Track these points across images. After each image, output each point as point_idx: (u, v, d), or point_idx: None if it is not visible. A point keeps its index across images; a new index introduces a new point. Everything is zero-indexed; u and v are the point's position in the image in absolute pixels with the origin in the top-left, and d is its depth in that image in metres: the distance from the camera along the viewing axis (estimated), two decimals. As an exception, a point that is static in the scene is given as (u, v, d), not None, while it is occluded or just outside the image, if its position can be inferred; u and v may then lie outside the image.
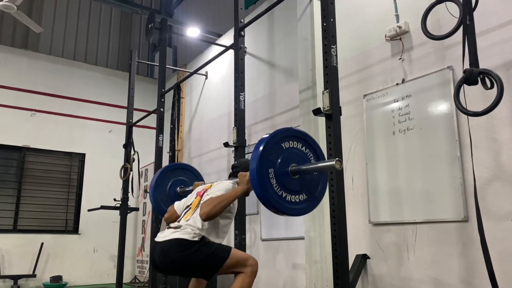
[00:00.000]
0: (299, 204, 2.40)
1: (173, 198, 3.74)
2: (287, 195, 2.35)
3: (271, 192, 2.28)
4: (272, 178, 2.30)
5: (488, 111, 2.40)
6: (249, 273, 2.55)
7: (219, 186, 2.75)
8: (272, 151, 2.33)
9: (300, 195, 2.41)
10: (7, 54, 7.67)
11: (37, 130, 7.64)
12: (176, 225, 2.62)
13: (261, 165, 2.26)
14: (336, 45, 2.71)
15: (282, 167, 2.35)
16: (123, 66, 9.23)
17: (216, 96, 6.73)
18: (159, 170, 3.98)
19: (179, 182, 3.90)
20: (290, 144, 2.43)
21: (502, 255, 2.86)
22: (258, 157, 2.27)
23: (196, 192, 2.90)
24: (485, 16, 3.08)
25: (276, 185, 2.31)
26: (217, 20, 8.17)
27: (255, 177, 2.25)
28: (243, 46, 3.93)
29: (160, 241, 2.58)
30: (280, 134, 2.42)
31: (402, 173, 3.60)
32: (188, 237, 2.49)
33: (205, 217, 2.50)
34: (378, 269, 3.69)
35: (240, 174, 2.70)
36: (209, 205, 2.52)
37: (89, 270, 7.66)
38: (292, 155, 2.42)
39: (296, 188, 2.39)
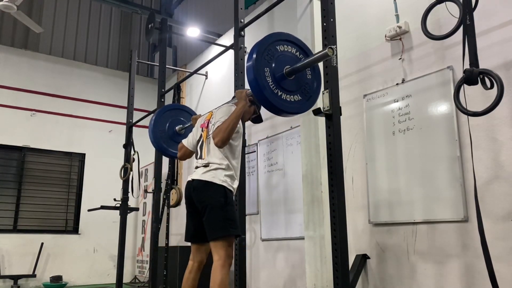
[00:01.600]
0: (296, 103, 2.56)
1: (172, 137, 3.99)
2: (283, 94, 2.51)
3: (268, 90, 2.43)
4: (269, 77, 2.45)
5: (488, 111, 2.40)
6: (228, 264, 2.64)
7: (220, 112, 2.89)
8: (266, 54, 2.48)
9: (296, 95, 2.57)
10: (7, 54, 7.68)
11: (37, 130, 7.64)
12: (203, 163, 2.81)
13: (257, 66, 2.40)
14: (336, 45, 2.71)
15: (277, 69, 2.51)
16: (123, 66, 9.23)
17: (216, 96, 6.72)
18: (158, 110, 4.16)
19: (177, 121, 4.06)
20: (283, 48, 2.59)
21: (502, 255, 2.86)
22: (254, 58, 2.41)
23: (199, 124, 3.04)
24: (485, 16, 3.08)
25: (273, 85, 2.46)
26: (217, 20, 8.16)
27: (252, 75, 2.38)
28: (243, 46, 3.92)
29: (194, 179, 2.79)
30: (271, 38, 2.56)
31: (402, 173, 3.60)
32: (217, 180, 2.70)
33: (220, 144, 2.71)
34: (378, 269, 3.69)
35: (237, 92, 2.90)
36: (219, 132, 2.70)
37: (89, 270, 7.66)
38: (285, 57, 2.58)
39: (291, 88, 2.55)
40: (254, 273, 5.17)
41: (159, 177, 5.18)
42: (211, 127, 2.85)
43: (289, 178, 4.89)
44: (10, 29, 8.47)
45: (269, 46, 2.52)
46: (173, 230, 6.95)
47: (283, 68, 2.53)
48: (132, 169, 5.84)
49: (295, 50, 2.63)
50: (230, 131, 2.70)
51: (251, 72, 2.41)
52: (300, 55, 2.65)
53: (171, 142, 3.96)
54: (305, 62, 2.55)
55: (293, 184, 4.79)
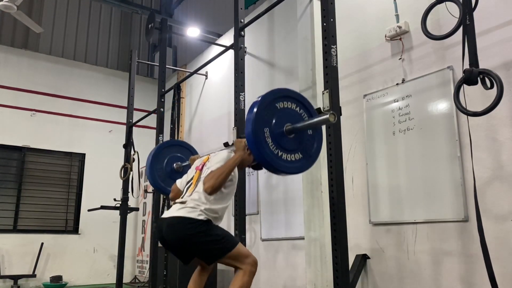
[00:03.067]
0: (295, 163, 2.48)
1: (170, 174, 3.83)
2: (283, 154, 2.43)
3: (267, 151, 2.35)
4: (268, 137, 2.37)
5: (488, 111, 2.40)
6: (248, 273, 2.56)
7: (217, 157, 2.79)
8: (266, 111, 2.40)
9: (296, 154, 2.48)
10: (7, 54, 7.68)
11: (37, 130, 7.64)
12: (181, 201, 2.65)
13: (256, 126, 2.33)
14: (336, 45, 2.71)
15: (277, 127, 2.42)
16: (123, 66, 9.23)
17: (216, 96, 6.73)
18: (155, 147, 4.04)
19: (175, 158, 3.94)
20: (284, 105, 2.50)
21: (502, 255, 2.86)
22: (253, 118, 2.34)
23: (195, 166, 2.94)
24: (485, 16, 3.08)
25: (272, 144, 2.38)
26: (217, 20, 8.16)
27: (251, 137, 2.31)
28: (243, 46, 3.92)
29: (166, 217, 2.62)
30: (272, 95, 2.48)
31: (402, 173, 3.60)
32: (193, 215, 2.51)
33: (210, 191, 2.56)
34: (378, 269, 3.69)
35: (236, 141, 2.79)
36: (211, 178, 2.58)
37: (89, 270, 7.66)
38: (286, 115, 2.49)
39: (292, 147, 2.46)
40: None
41: (159, 177, 5.17)
42: (205, 170, 2.73)
43: (289, 178, 4.89)
44: (10, 29, 8.47)
45: (269, 104, 2.42)
46: (173, 230, 6.94)
47: (283, 126, 2.44)
48: (132, 169, 5.84)
49: (295, 106, 2.53)
50: (222, 179, 2.57)
51: (250, 135, 2.31)
52: (301, 110, 2.54)
53: (169, 180, 3.74)
54: (305, 124, 2.46)
55: (293, 184, 4.79)
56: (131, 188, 5.91)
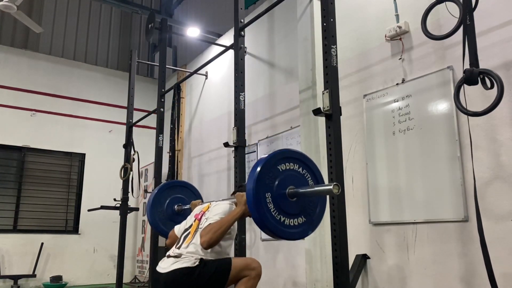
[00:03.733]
0: (297, 228, 2.37)
1: (171, 217, 3.74)
2: (285, 219, 2.32)
3: (268, 217, 2.25)
4: (270, 202, 2.26)
5: (488, 111, 2.40)
6: (254, 275, 2.55)
7: (217, 209, 2.70)
8: (269, 173, 2.30)
9: (298, 218, 2.38)
10: (7, 54, 7.68)
11: (37, 130, 7.64)
12: (176, 253, 2.58)
13: (257, 190, 2.23)
14: (336, 45, 2.71)
15: (280, 189, 2.32)
16: (123, 66, 9.23)
17: (216, 96, 6.73)
18: (156, 188, 3.93)
19: (176, 200, 3.85)
20: (288, 166, 2.40)
21: (502, 255, 2.86)
22: (254, 181, 2.24)
23: (194, 214, 2.86)
24: (485, 16, 3.08)
25: (274, 209, 2.27)
26: (217, 20, 8.16)
27: (252, 202, 2.22)
28: (243, 46, 3.92)
29: (162, 272, 2.54)
30: (277, 156, 2.38)
31: (402, 173, 3.60)
32: (189, 264, 2.47)
33: (206, 245, 2.49)
34: (378, 269, 3.69)
35: (238, 195, 2.65)
36: (208, 232, 2.49)
37: (89, 270, 7.66)
38: (290, 177, 2.38)
39: (294, 211, 2.36)
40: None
41: (159, 177, 5.18)
42: (203, 221, 2.65)
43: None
44: (10, 29, 8.48)
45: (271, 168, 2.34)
46: (173, 230, 6.94)
47: (286, 188, 2.35)
48: (132, 169, 5.85)
49: (298, 167, 2.45)
50: (220, 234, 2.50)
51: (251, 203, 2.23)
52: (304, 171, 2.47)
53: (169, 223, 3.64)
54: (307, 191, 2.38)
55: (293, 184, 4.78)
56: (131, 188, 5.91)
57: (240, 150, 3.75)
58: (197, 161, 6.99)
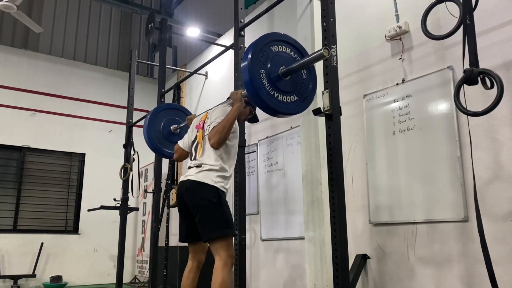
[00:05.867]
0: (291, 104, 2.55)
1: (167, 137, 3.94)
2: (279, 95, 2.50)
3: (264, 93, 2.41)
4: (264, 79, 2.43)
5: (488, 111, 2.40)
6: (230, 265, 2.66)
7: (216, 112, 2.87)
8: (261, 54, 2.46)
9: (292, 96, 2.56)
10: (7, 54, 7.68)
11: (37, 130, 7.64)
12: (196, 163, 2.79)
13: (252, 67, 2.38)
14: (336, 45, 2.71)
15: (273, 70, 2.49)
16: (123, 66, 9.23)
17: (216, 96, 6.72)
18: (152, 110, 4.10)
19: (172, 121, 4.02)
20: (278, 48, 2.57)
21: (502, 255, 2.86)
22: (249, 60, 2.38)
23: (195, 125, 3.02)
24: (485, 16, 3.08)
25: (268, 85, 2.45)
26: (217, 20, 8.16)
27: (247, 77, 2.37)
28: (243, 46, 3.92)
29: (186, 179, 2.77)
30: (266, 38, 2.55)
31: (402, 173, 3.60)
32: (209, 181, 2.68)
33: (216, 145, 2.70)
34: (378, 269, 3.69)
35: (232, 93, 2.88)
36: (215, 133, 2.69)
37: (89, 270, 7.66)
38: (281, 58, 2.56)
39: (287, 89, 2.54)
40: (254, 273, 5.17)
41: (159, 177, 5.17)
42: (207, 128, 2.84)
43: (289, 178, 4.89)
44: (10, 29, 8.48)
45: (264, 47, 2.50)
46: (173, 230, 6.94)
47: (278, 69, 2.52)
48: (132, 169, 5.84)
49: (290, 50, 2.62)
50: (226, 132, 2.70)
51: (246, 74, 2.40)
52: (295, 55, 2.64)
53: (166, 142, 3.91)
54: (300, 62, 2.54)
55: (293, 184, 4.79)
56: (131, 188, 5.90)
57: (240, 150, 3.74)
58: (197, 161, 6.98)
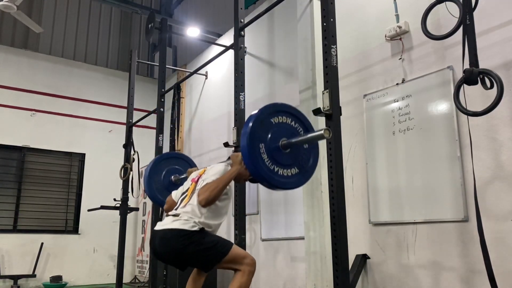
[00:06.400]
0: (291, 178, 2.47)
1: (168, 187, 3.78)
2: (279, 169, 2.42)
3: (263, 167, 2.34)
4: (264, 153, 2.36)
5: (488, 111, 2.40)
6: (247, 272, 2.56)
7: (213, 170, 2.76)
8: (261, 126, 2.38)
9: (292, 169, 2.48)
10: (7, 54, 7.67)
11: (37, 130, 7.64)
12: (174, 213, 2.62)
13: (251, 141, 2.32)
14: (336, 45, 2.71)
15: (273, 142, 2.42)
16: (123, 66, 9.23)
17: (216, 96, 6.73)
18: (153, 160, 4.01)
19: (173, 170, 3.91)
20: (279, 119, 2.49)
21: (502, 255, 2.86)
22: (248, 134, 2.32)
23: (191, 178, 2.91)
24: (485, 16, 3.08)
25: (268, 160, 2.37)
26: (217, 20, 8.16)
27: (246, 153, 2.31)
28: (243, 46, 3.92)
29: (159, 229, 2.58)
30: (268, 110, 2.47)
31: (402, 173, 3.60)
32: (187, 227, 2.48)
33: (204, 203, 2.53)
34: (378, 269, 3.69)
35: (232, 155, 2.76)
36: (206, 191, 2.54)
37: (89, 270, 7.66)
38: (282, 129, 2.48)
39: (287, 162, 2.45)
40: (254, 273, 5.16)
41: (159, 177, 5.16)
42: (200, 182, 2.70)
43: (289, 178, 4.88)
44: (10, 29, 8.48)
45: (264, 119, 2.41)
46: (173, 230, 6.96)
47: (279, 141, 2.42)
48: (132, 169, 5.84)
49: (290, 120, 2.52)
50: (217, 192, 2.54)
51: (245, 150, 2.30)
52: (296, 124, 2.55)
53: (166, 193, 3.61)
54: (300, 139, 2.45)
55: (293, 184, 4.78)
56: (131, 188, 5.91)
57: (240, 150, 3.74)
58: (197, 161, 6.95)
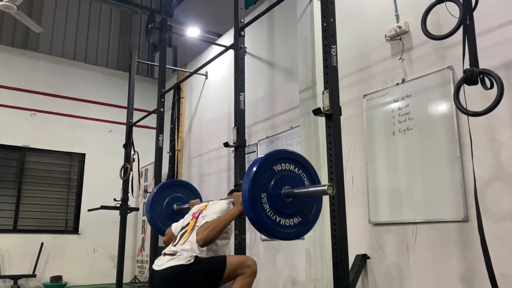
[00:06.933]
0: (292, 228, 2.37)
1: (170, 216, 3.75)
2: (281, 219, 2.32)
3: (264, 217, 2.25)
4: (265, 203, 2.27)
5: (488, 111, 2.40)
6: (249, 273, 2.55)
7: (214, 207, 2.72)
8: (264, 174, 2.30)
9: (294, 218, 2.38)
10: (7, 54, 7.67)
11: (37, 130, 7.64)
12: (172, 251, 2.57)
13: (253, 190, 2.24)
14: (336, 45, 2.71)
15: (275, 190, 2.32)
16: (123, 66, 9.23)
17: (216, 96, 6.73)
18: (156, 188, 3.94)
19: (175, 199, 3.86)
20: (283, 166, 2.41)
21: (502, 255, 2.86)
22: (250, 182, 2.24)
23: (191, 213, 2.87)
24: (485, 16, 3.08)
25: (269, 210, 2.28)
26: (217, 20, 8.17)
27: (247, 202, 2.23)
28: (243, 46, 3.92)
29: (157, 270, 2.55)
30: (273, 156, 2.39)
31: (402, 173, 3.60)
32: (183, 262, 2.46)
33: (202, 243, 2.49)
34: (378, 269, 3.69)
35: (235, 195, 2.67)
36: (205, 230, 2.50)
37: (89, 270, 7.66)
38: (286, 177, 2.39)
39: (289, 211, 2.36)
40: (254, 273, 5.16)
41: (159, 177, 5.18)
42: (200, 219, 2.66)
43: (289, 178, 4.88)
44: (10, 29, 8.48)
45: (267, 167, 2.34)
46: (173, 230, 6.96)
47: (281, 188, 2.36)
48: (132, 169, 5.85)
49: (294, 167, 2.47)
50: (217, 232, 2.51)
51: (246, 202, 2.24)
52: (300, 171, 2.49)
53: (169, 222, 3.58)
54: (303, 191, 2.38)
55: (293, 184, 4.78)
56: (131, 188, 5.91)
57: (240, 150, 3.75)
58: (197, 161, 6.99)
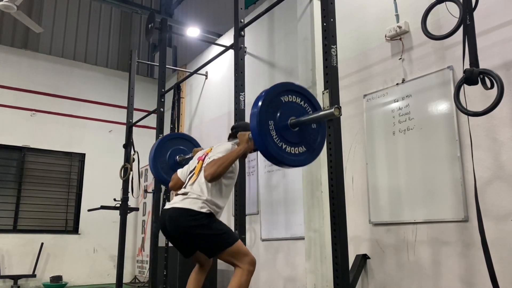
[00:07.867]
0: (299, 156, 2.50)
1: (173, 167, 3.83)
2: (287, 147, 2.44)
3: (271, 144, 2.37)
4: (272, 130, 2.39)
5: (488, 111, 2.40)
6: (247, 272, 2.59)
7: (220, 148, 2.82)
8: (271, 104, 2.41)
9: (300, 147, 2.50)
10: (7, 54, 7.68)
11: (37, 130, 7.64)
12: (183, 191, 2.70)
13: (261, 118, 2.34)
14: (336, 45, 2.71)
15: (282, 120, 2.44)
16: (123, 66, 9.22)
17: (216, 96, 6.73)
18: (158, 140, 4.04)
19: (178, 151, 3.97)
20: (289, 98, 2.52)
21: (502, 255, 2.86)
22: (258, 110, 2.34)
23: (197, 157, 2.97)
24: (485, 16, 3.08)
25: (276, 137, 2.40)
26: (217, 20, 8.16)
27: (256, 129, 2.33)
28: (243, 46, 3.92)
29: (168, 208, 2.66)
30: (278, 88, 2.49)
31: (402, 173, 3.60)
32: (195, 207, 2.56)
33: (210, 178, 2.60)
34: (378, 269, 3.69)
35: (240, 134, 2.78)
36: (212, 166, 2.61)
37: (89, 270, 7.66)
38: (291, 108, 2.51)
39: (295, 140, 2.48)
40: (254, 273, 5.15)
41: (159, 177, 5.16)
42: (207, 160, 2.76)
43: (289, 178, 4.89)
44: (10, 29, 8.47)
45: (274, 97, 2.45)
46: (173, 230, 6.96)
47: (287, 119, 2.46)
48: (132, 169, 5.84)
49: (300, 100, 2.56)
50: (224, 168, 2.60)
51: (255, 127, 2.34)
52: (305, 104, 2.57)
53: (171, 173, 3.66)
54: (310, 117, 2.49)
55: (293, 184, 4.79)
56: (131, 188, 5.91)
57: (240, 150, 3.74)
58: (197, 161, 6.98)
